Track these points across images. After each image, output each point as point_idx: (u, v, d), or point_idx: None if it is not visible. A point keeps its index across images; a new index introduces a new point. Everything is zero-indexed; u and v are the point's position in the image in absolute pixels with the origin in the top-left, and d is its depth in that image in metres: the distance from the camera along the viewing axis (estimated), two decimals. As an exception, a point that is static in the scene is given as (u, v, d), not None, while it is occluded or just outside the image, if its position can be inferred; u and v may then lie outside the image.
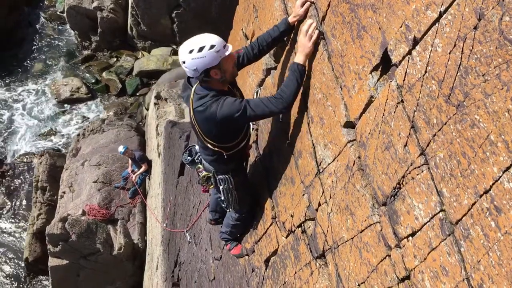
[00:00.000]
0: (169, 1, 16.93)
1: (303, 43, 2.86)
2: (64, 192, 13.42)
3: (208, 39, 2.97)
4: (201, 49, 2.93)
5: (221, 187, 3.66)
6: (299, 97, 3.12)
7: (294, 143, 3.23)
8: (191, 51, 2.95)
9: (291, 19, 3.09)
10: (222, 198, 3.75)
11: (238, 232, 4.36)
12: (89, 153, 14.35)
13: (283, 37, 3.24)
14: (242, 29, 4.52)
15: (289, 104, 2.99)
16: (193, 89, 3.18)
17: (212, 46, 2.94)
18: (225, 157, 3.40)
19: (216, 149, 3.34)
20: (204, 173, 3.73)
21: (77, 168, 13.87)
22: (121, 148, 12.23)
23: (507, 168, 1.47)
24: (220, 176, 3.61)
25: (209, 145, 3.32)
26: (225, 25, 6.63)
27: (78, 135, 15.97)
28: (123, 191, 13.02)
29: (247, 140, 3.53)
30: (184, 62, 2.99)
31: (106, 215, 12.24)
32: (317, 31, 2.82)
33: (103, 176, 13.22)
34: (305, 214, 3.01)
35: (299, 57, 2.92)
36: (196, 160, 3.86)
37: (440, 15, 1.78)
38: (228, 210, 3.99)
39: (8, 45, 19.84)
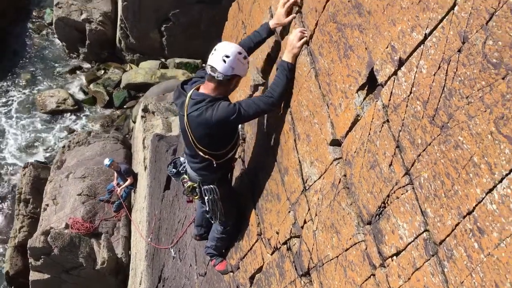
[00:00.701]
0: (158, 15, 16.99)
1: (293, 43, 2.94)
2: (47, 205, 13.22)
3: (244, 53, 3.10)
4: (245, 57, 3.08)
5: (206, 198, 3.65)
6: (286, 114, 3.14)
7: (281, 160, 3.23)
8: (240, 53, 3.04)
9: (272, 24, 3.18)
10: (207, 209, 3.74)
11: (223, 247, 4.33)
12: (74, 166, 14.19)
13: (264, 41, 3.34)
14: (230, 45, 4.54)
15: (279, 102, 3.08)
16: (188, 95, 3.20)
17: (247, 59, 3.12)
18: (214, 165, 3.41)
19: (206, 156, 3.35)
20: (189, 183, 3.72)
21: (61, 180, 13.69)
22: (107, 161, 12.13)
23: (490, 190, 1.48)
24: (206, 187, 3.61)
25: (200, 152, 3.33)
26: (214, 40, 6.65)
27: (63, 147, 15.78)
28: (107, 205, 12.87)
29: (235, 151, 3.56)
30: (227, 56, 3.01)
31: (89, 229, 12.08)
32: (306, 37, 2.90)
33: (88, 189, 13.07)
34: (291, 231, 3.00)
35: (287, 56, 2.99)
36: (181, 172, 3.85)
37: (425, 37, 1.81)
38: (213, 222, 3.98)
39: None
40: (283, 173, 3.17)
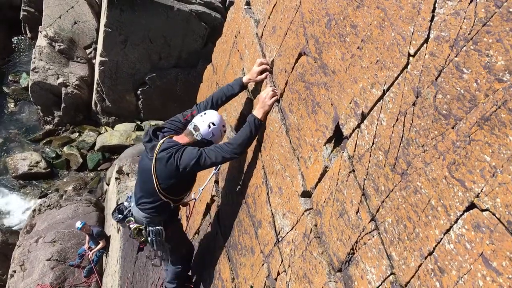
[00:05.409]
0: (135, 79, 17.31)
1: (264, 101, 3.12)
2: (14, 271, 12.70)
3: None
4: (225, 131, 3.47)
5: (149, 239, 3.78)
6: (259, 168, 3.25)
7: (254, 213, 3.30)
8: (224, 126, 3.42)
9: (245, 80, 3.39)
10: (154, 249, 3.90)
11: (183, 277, 4.44)
12: (44, 229, 13.80)
13: (236, 95, 3.54)
14: (205, 105, 4.70)
15: (240, 151, 3.22)
16: (161, 141, 3.38)
17: (225, 132, 3.50)
18: (172, 207, 3.61)
19: (165, 199, 3.52)
20: (136, 225, 3.81)
21: (30, 245, 13.25)
22: (78, 224, 11.87)
23: (447, 230, 1.59)
24: (151, 228, 3.74)
25: (161, 195, 3.49)
26: (189, 102, 6.84)
27: (34, 210, 15.38)
28: (78, 270, 12.45)
29: (188, 195, 3.81)
30: (214, 124, 3.34)
31: (57, 296, 11.60)
32: (277, 96, 3.08)
33: (58, 253, 12.66)
34: (265, 284, 3.02)
35: (258, 112, 3.16)
36: (127, 216, 3.93)
37: (384, 93, 1.98)
38: (165, 268, 4.19)
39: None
40: (257, 226, 3.23)
